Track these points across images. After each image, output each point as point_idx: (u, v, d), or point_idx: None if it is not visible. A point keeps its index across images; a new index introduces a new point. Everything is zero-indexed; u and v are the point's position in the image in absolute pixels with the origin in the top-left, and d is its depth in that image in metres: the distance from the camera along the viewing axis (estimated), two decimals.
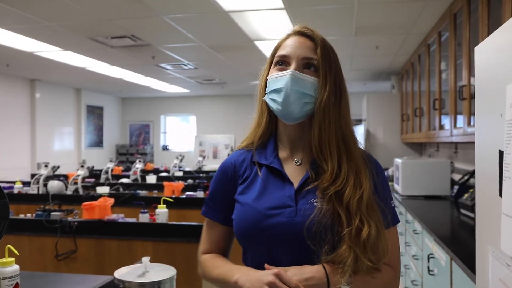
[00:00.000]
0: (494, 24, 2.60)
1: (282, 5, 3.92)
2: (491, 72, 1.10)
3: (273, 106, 1.15)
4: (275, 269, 1.00)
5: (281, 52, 1.17)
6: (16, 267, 1.47)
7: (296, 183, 1.13)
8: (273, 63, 1.19)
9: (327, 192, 1.06)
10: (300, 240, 1.05)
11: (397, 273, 1.13)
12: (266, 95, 1.18)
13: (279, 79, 1.13)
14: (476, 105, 1.19)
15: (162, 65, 6.94)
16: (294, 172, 1.16)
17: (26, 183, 5.25)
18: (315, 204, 1.07)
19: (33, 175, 6.25)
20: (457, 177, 4.19)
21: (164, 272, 1.35)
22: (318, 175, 1.11)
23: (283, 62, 1.15)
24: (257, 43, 5.43)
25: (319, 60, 1.13)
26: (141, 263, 1.36)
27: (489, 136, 1.09)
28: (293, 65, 1.13)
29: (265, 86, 1.19)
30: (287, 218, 1.08)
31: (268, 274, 0.99)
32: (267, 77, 1.18)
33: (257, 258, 1.12)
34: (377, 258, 1.02)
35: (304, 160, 1.18)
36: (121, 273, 1.32)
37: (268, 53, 6.16)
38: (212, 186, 1.26)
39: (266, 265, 1.06)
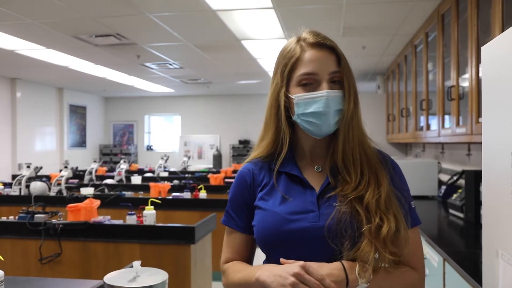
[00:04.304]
0: (483, 24, 2.61)
1: (270, 5, 3.89)
2: (502, 72, 1.08)
3: (308, 127, 1.12)
4: (300, 262, 0.98)
5: (305, 69, 1.10)
6: (0, 272, 1.41)
7: (317, 189, 1.12)
8: (296, 81, 1.12)
9: (347, 196, 1.06)
10: (324, 243, 1.04)
11: (421, 275, 1.12)
12: (296, 116, 1.13)
13: (314, 100, 1.09)
14: (483, 105, 1.17)
15: (147, 64, 6.86)
16: (314, 178, 1.15)
17: (7, 184, 5.12)
18: (337, 208, 1.07)
19: (14, 176, 6.12)
20: (443, 177, 4.22)
21: (156, 276, 1.30)
22: (338, 181, 1.11)
23: (309, 80, 1.11)
24: (244, 42, 5.39)
25: (343, 72, 1.11)
26: (130, 266, 1.32)
27: (500, 137, 1.07)
28: (324, 84, 1.09)
29: (284, 104, 1.14)
30: (310, 222, 1.07)
31: (294, 266, 0.97)
32: (292, 96, 1.13)
33: (280, 263, 1.09)
34: (399, 249, 1.02)
35: (324, 167, 1.17)
36: (111, 277, 1.27)
37: (255, 53, 6.12)
38: (232, 195, 1.24)
39: (282, 260, 1.04)
